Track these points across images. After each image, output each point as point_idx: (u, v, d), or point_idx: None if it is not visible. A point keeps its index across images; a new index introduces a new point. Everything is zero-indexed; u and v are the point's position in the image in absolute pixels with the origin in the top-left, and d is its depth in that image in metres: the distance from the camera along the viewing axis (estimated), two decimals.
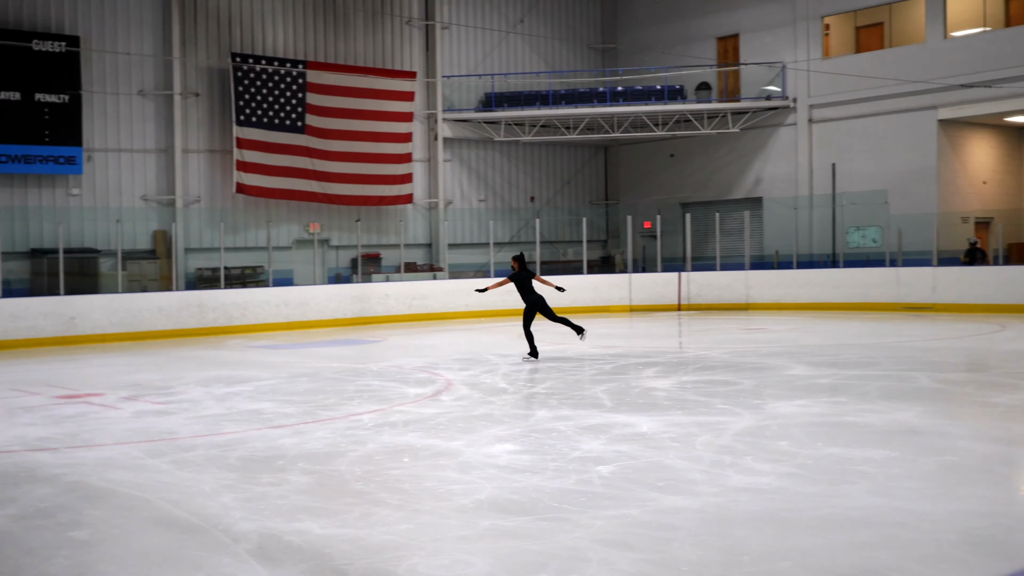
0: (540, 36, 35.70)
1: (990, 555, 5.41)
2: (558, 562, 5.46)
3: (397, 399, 11.89)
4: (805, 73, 31.63)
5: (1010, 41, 27.89)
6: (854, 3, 30.90)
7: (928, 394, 11.30)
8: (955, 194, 29.90)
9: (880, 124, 30.31)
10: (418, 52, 32.62)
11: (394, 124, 31.24)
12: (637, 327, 22.94)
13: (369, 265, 30.17)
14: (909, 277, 25.24)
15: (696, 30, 34.71)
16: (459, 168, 33.80)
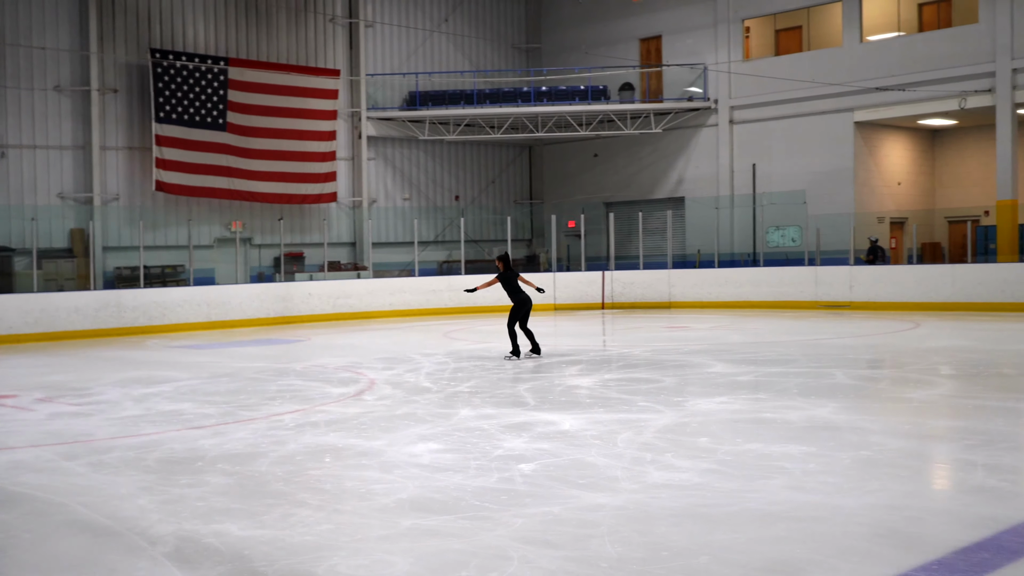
0: (465, 35, 35.69)
1: (900, 547, 5.54)
2: (479, 560, 5.47)
3: (319, 399, 11.80)
4: (726, 75, 32.05)
5: (923, 45, 28.54)
6: (773, 6, 31.39)
7: (844, 390, 11.52)
8: (871, 195, 30.53)
9: (799, 125, 30.83)
10: (342, 50, 32.43)
11: (317, 122, 31.02)
12: (561, 326, 23.05)
13: (292, 264, 29.91)
14: (827, 276, 25.70)
15: (619, 31, 34.98)
16: (383, 167, 33.66)
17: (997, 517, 6.04)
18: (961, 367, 13.44)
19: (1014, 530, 5.77)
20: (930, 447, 8.37)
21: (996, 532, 5.73)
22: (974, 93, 27.37)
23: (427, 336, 20.70)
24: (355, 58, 32.51)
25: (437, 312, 27.31)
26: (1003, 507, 6.28)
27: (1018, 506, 6.33)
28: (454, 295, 27.66)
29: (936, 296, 23.91)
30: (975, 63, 27.35)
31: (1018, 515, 6.08)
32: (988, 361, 14.13)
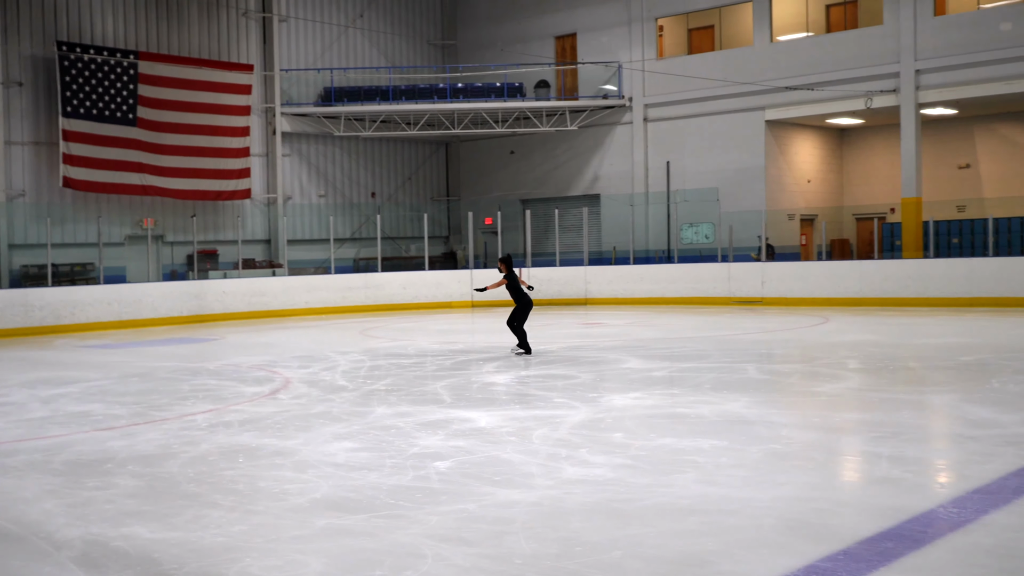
0: (380, 31, 35.50)
1: (807, 538, 5.65)
2: (393, 559, 5.46)
3: (233, 398, 11.66)
4: (640, 73, 32.36)
5: (831, 46, 29.14)
6: (686, 6, 31.76)
7: (756, 385, 11.72)
8: (782, 192, 31.08)
9: (712, 124, 31.26)
10: (255, 45, 32.03)
11: (230, 118, 30.60)
12: (479, 323, 23.08)
13: (206, 262, 29.48)
14: (740, 272, 26.11)
15: (535, 29, 35.10)
16: (298, 163, 33.34)
17: (901, 507, 6.20)
18: (868, 361, 13.75)
19: (916, 519, 5.93)
20: (838, 440, 8.56)
21: (899, 522, 5.89)
22: (880, 93, 28.02)
23: (343, 334, 20.57)
24: (269, 53, 32.15)
25: (354, 310, 27.15)
26: (907, 497, 6.45)
27: (921, 496, 6.51)
28: (371, 292, 27.53)
29: (845, 291, 24.43)
30: (880, 64, 28.00)
31: (921, 505, 6.25)
32: (894, 355, 14.49)
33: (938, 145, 31.27)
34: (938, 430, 9.08)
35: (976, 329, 17.87)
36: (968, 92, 26.97)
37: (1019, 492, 6.47)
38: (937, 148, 31.23)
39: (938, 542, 5.52)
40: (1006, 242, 27.72)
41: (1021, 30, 25.99)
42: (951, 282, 23.10)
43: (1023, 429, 8.49)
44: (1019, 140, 30.56)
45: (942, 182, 31.23)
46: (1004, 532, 5.63)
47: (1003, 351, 14.32)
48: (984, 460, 7.42)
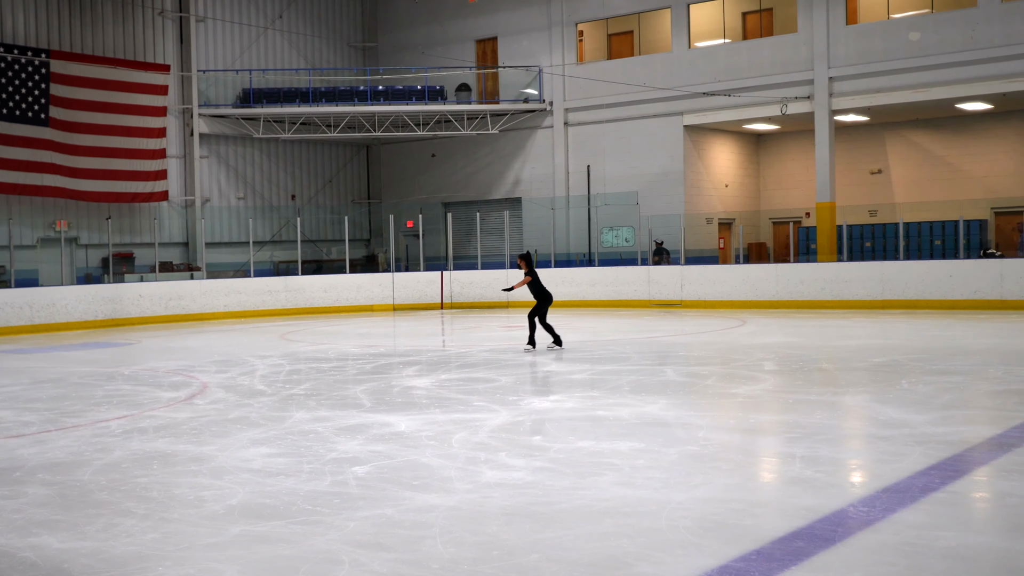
0: (299, 33, 35.21)
1: (723, 538, 5.73)
2: (309, 566, 5.41)
3: (149, 404, 11.47)
4: (561, 77, 32.54)
5: (747, 53, 29.61)
6: (605, 11, 32.02)
7: (675, 387, 11.85)
8: (700, 196, 31.48)
9: (631, 128, 31.54)
10: (172, 45, 31.56)
11: (147, 119, 30.10)
12: (400, 326, 23.00)
13: (122, 265, 28.96)
14: (659, 275, 26.38)
15: (455, 32, 35.11)
16: (217, 165, 32.92)
17: (813, 507, 6.31)
18: (784, 363, 13.99)
19: (828, 519, 6.04)
20: (754, 441, 8.68)
21: (811, 521, 5.99)
22: (794, 99, 28.54)
23: (263, 338, 20.34)
24: (186, 53, 31.69)
25: (274, 313, 26.87)
26: (819, 497, 6.57)
27: (832, 496, 6.63)
28: (291, 296, 27.28)
29: (762, 294, 24.82)
30: (795, 71, 28.53)
31: (832, 504, 6.37)
32: (809, 357, 14.76)
33: (851, 151, 31.95)
34: (850, 430, 9.27)
35: (888, 331, 18.27)
36: (879, 99, 27.60)
37: (926, 490, 6.63)
38: (850, 154, 31.91)
39: (848, 541, 5.63)
40: (916, 246, 28.43)
41: (929, 39, 26.68)
42: (865, 285, 23.61)
43: (932, 429, 8.70)
44: (928, 147, 31.36)
45: (855, 187, 31.92)
46: (911, 530, 5.77)
47: (914, 352, 14.67)
48: (894, 459, 7.59)
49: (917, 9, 28.18)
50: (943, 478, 6.96)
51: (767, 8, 31.03)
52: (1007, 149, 30.09)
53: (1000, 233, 29.59)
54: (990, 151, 30.32)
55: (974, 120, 30.34)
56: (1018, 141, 29.92)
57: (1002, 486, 6.84)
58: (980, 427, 8.97)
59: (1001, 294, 22.01)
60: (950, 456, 7.64)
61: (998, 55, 25.65)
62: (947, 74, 26.48)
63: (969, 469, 7.35)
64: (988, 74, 25.96)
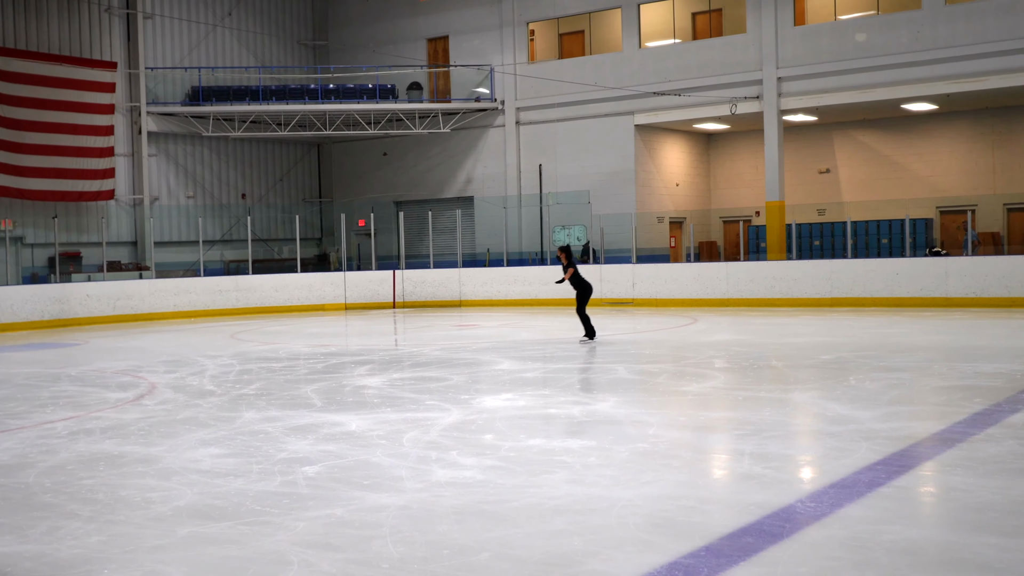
0: (249, 31, 34.93)
1: (672, 535, 5.76)
2: (258, 567, 5.37)
3: (96, 405, 11.32)
4: (512, 76, 32.55)
5: (697, 53, 29.80)
6: (556, 11, 32.08)
7: (625, 385, 11.90)
8: (651, 195, 31.64)
9: (583, 127, 31.63)
10: (119, 42, 31.16)
11: (93, 116, 29.70)
12: (352, 325, 22.89)
13: (69, 264, 28.56)
14: (612, 274, 26.47)
15: (407, 30, 35.00)
16: (165, 163, 32.57)
17: (762, 503, 6.37)
18: (734, 360, 14.10)
19: (776, 515, 6.09)
20: (703, 438, 8.75)
21: (760, 517, 6.04)
22: (744, 99, 28.77)
23: (213, 338, 20.16)
24: (133, 51, 31.31)
25: (225, 313, 26.65)
26: (768, 493, 6.63)
27: (780, 491, 6.69)
28: (242, 295, 27.07)
29: (712, 292, 25.00)
30: (744, 71, 28.76)
31: (780, 500, 6.43)
32: (759, 354, 14.89)
33: (800, 150, 32.27)
34: (799, 427, 9.36)
35: (836, 328, 18.47)
36: (827, 100, 27.90)
37: (872, 485, 6.71)
38: (799, 153, 32.23)
39: (796, 536, 5.69)
40: (864, 244, 28.77)
41: (875, 40, 27.01)
42: (813, 283, 23.85)
43: (878, 425, 8.81)
44: (875, 146, 31.75)
45: (804, 186, 32.25)
46: (858, 524, 5.84)
47: (861, 349, 14.84)
48: (841, 455, 7.68)
49: (864, 11, 28.52)
50: (889, 473, 7.05)
51: (716, 9, 31.26)
52: (952, 149, 30.55)
53: (945, 232, 30.04)
54: (936, 151, 30.77)
55: (920, 120, 30.77)
56: (963, 141, 30.39)
57: (946, 480, 6.94)
58: (925, 423, 9.10)
59: (946, 292, 22.34)
60: (896, 451, 7.74)
61: (943, 56, 26.03)
62: (893, 75, 26.82)
63: (914, 464, 7.45)
64: (933, 75, 26.34)
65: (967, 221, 25.71)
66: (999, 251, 27.38)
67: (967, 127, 30.26)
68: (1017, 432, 8.36)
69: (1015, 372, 11.91)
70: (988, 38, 25.48)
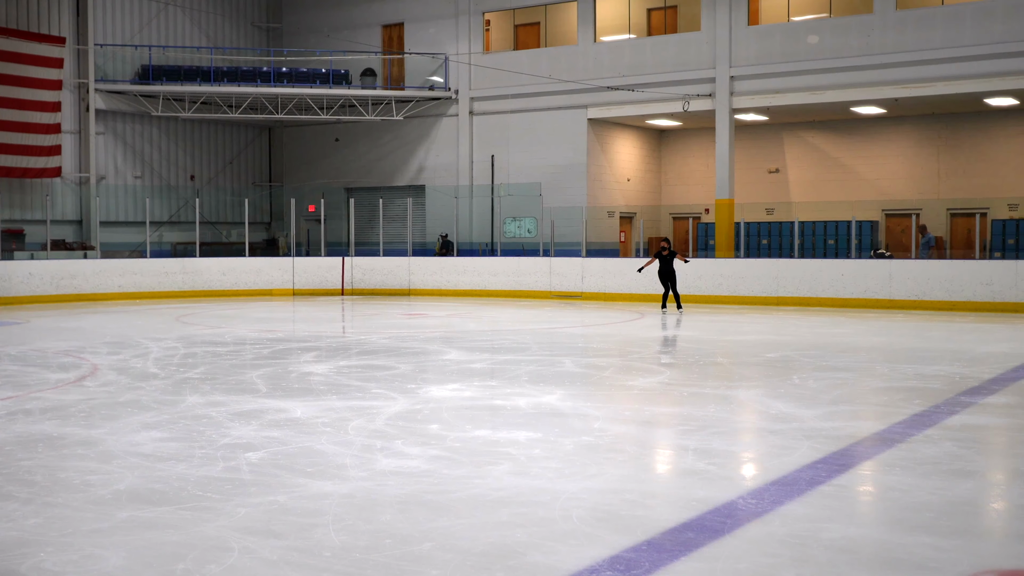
0: (202, 11, 34.52)
1: (616, 529, 5.80)
2: (198, 552, 5.32)
3: (35, 385, 11.16)
4: (467, 66, 32.48)
5: (651, 49, 29.92)
6: (513, 2, 32.06)
7: (572, 378, 11.94)
8: (602, 189, 31.75)
9: (536, 119, 31.65)
10: (68, 17, 30.63)
11: (40, 92, 29.19)
12: (300, 311, 22.75)
13: (11, 241, 28.07)
14: (561, 267, 26.53)
15: (362, 16, 34.78)
16: (113, 142, 32.10)
17: (704, 499, 6.42)
18: (680, 356, 14.21)
19: (717, 511, 6.15)
20: (648, 433, 8.80)
21: (702, 513, 6.10)
22: (696, 97, 28.94)
23: (158, 320, 19.94)
24: (83, 26, 30.80)
25: (171, 295, 26.37)
26: (710, 489, 6.69)
27: (723, 488, 6.75)
28: (188, 278, 26.80)
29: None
30: (698, 68, 28.93)
31: (722, 496, 6.49)
32: (704, 351, 15.01)
33: (750, 150, 32.53)
34: (742, 424, 9.45)
35: (782, 327, 18.67)
36: (778, 100, 28.16)
37: (813, 483, 6.80)
38: (749, 152, 32.49)
39: (736, 532, 5.74)
40: (811, 244, 29.09)
41: (827, 43, 27.29)
42: (760, 281, 24.08)
43: (820, 423, 8.92)
44: (824, 148, 32.09)
45: (753, 185, 32.52)
46: (797, 522, 5.91)
47: (806, 348, 15.01)
48: (783, 453, 7.76)
49: (816, 13, 28.81)
50: (829, 471, 7.14)
51: (672, 5, 31.40)
52: (899, 153, 30.96)
53: (890, 234, 30.45)
54: (883, 154, 31.17)
55: (868, 124, 31.16)
56: (910, 146, 30.81)
57: (885, 480, 7.05)
58: (866, 422, 9.23)
59: (890, 293, 22.66)
60: (837, 450, 7.84)
61: (892, 61, 26.36)
62: (843, 78, 27.13)
63: (854, 463, 7.56)
64: (882, 79, 26.67)
65: (924, 224, 26.13)
66: (942, 255, 27.82)
67: (914, 132, 30.68)
68: (955, 434, 8.50)
69: (955, 375, 12.12)
70: (936, 45, 25.85)
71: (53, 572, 5.03)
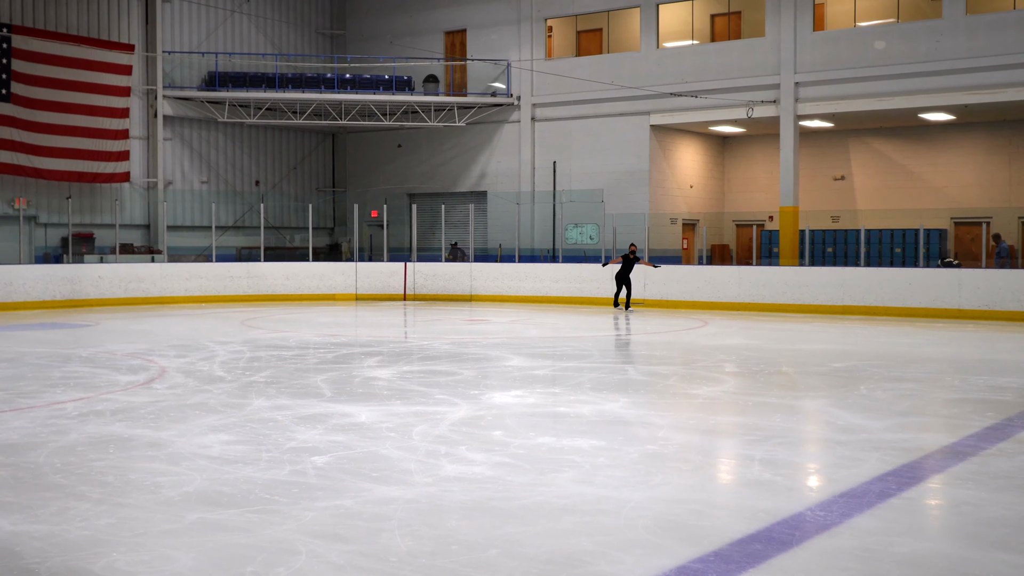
0: (267, 18, 34.94)
1: (682, 539, 5.75)
2: (266, 555, 5.37)
3: (106, 387, 11.35)
4: (529, 72, 32.51)
5: (715, 55, 29.74)
6: (575, 8, 32.03)
7: (636, 386, 11.88)
8: (665, 196, 31.59)
9: (598, 126, 31.59)
10: (137, 25, 31.18)
11: (110, 98, 29.74)
12: (362, 316, 22.90)
13: (81, 245, 28.62)
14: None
15: (425, 22, 34.97)
16: (180, 148, 32.60)
17: (771, 510, 6.35)
18: (744, 365, 14.06)
19: (785, 522, 6.07)
20: (713, 442, 8.73)
21: (769, 524, 6.03)
22: (761, 103, 28.70)
23: (223, 323, 20.19)
24: (151, 34, 31.33)
25: (235, 299, 26.69)
26: (777, 500, 6.61)
27: (790, 499, 6.67)
28: (253, 282, 27.11)
29: (724, 296, 24.94)
30: (762, 75, 28.69)
31: (789, 507, 6.41)
32: (769, 360, 14.85)
33: (815, 156, 32.18)
34: (808, 434, 9.33)
35: (847, 336, 18.42)
36: (844, 106, 27.83)
37: (883, 496, 6.69)
38: (814, 159, 32.14)
39: (805, 544, 5.66)
40: (877, 252, 28.70)
41: (894, 49, 26.92)
42: (825, 290, 23.78)
43: (888, 435, 8.78)
44: (891, 155, 31.65)
45: (818, 192, 32.16)
46: (867, 535, 5.82)
47: (872, 358, 14.80)
48: (851, 464, 7.65)
49: (883, 18, 28.44)
50: (899, 484, 7.02)
51: (736, 11, 31.18)
52: (968, 160, 30.44)
53: (959, 243, 29.94)
54: (951, 162, 30.66)
55: (937, 130, 30.67)
56: (979, 152, 30.28)
57: (957, 494, 6.91)
58: (936, 435, 9.07)
59: (959, 303, 22.25)
60: (906, 463, 7.71)
61: (961, 67, 25.93)
62: (911, 84, 26.74)
63: (925, 476, 7.43)
64: (951, 85, 26.25)
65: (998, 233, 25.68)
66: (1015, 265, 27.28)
67: (984, 138, 30.14)
68: None
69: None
70: (1008, 50, 25.38)
71: (126, 572, 5.11)
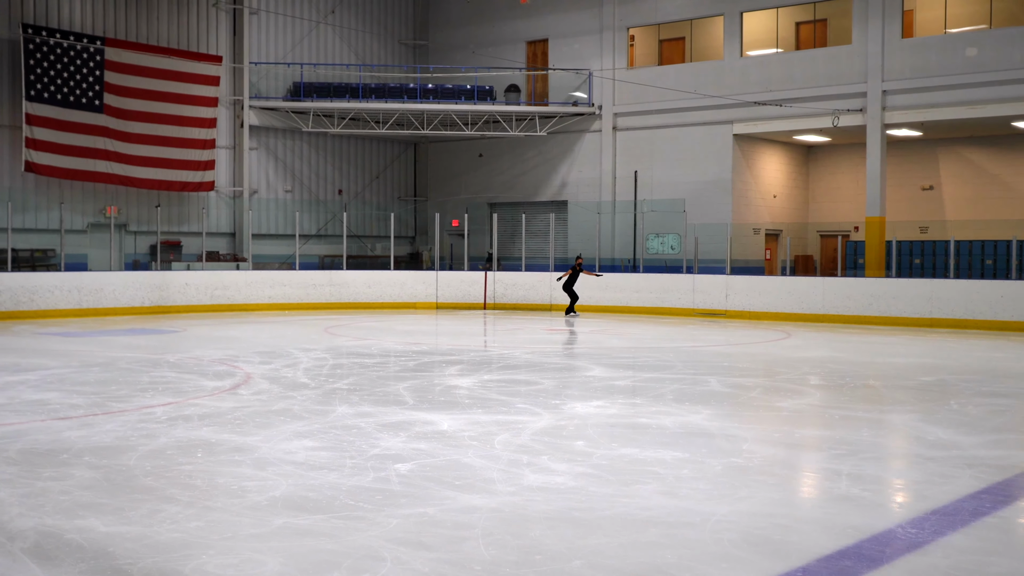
0: (351, 28, 35.36)
1: (768, 554, 5.66)
2: (351, 561, 5.41)
3: (193, 392, 11.55)
4: (611, 81, 32.43)
5: (800, 63, 29.36)
6: (657, 16, 31.88)
7: (718, 398, 11.75)
8: (747, 206, 31.26)
9: (680, 135, 31.38)
10: (225, 36, 31.80)
11: (198, 108, 30.35)
12: (443, 324, 23.02)
13: (169, 252, 29.23)
14: (704, 284, 26.20)
15: (506, 32, 35.10)
16: (265, 157, 33.13)
17: (859, 526, 6.22)
18: (830, 378, 13.83)
19: (874, 539, 5.95)
20: (799, 456, 8.59)
21: (858, 540, 5.91)
22: (847, 112, 28.26)
23: (307, 331, 20.44)
24: (238, 45, 31.92)
25: (317, 307, 27.02)
26: (865, 516, 6.48)
27: (879, 515, 6.53)
28: (335, 290, 27.41)
29: (807, 307, 24.58)
30: (848, 83, 28.26)
31: (879, 524, 6.28)
32: (855, 373, 14.58)
33: (903, 166, 31.59)
34: (897, 449, 9.14)
35: (936, 350, 18.03)
36: (933, 115, 27.28)
37: (976, 514, 6.51)
38: (902, 169, 31.55)
39: (896, 562, 5.54)
40: (967, 264, 28.03)
41: (986, 56, 26.32)
42: (912, 302, 23.31)
43: (981, 451, 8.55)
44: (982, 164, 30.93)
45: (906, 202, 31.55)
46: (960, 554, 5.67)
47: (963, 372, 14.46)
48: (942, 481, 7.47)
49: (975, 24, 27.82)
50: (994, 503, 6.83)
51: (821, 19, 30.75)
52: None
53: None
54: None
55: None
56: None
57: None
58: None
59: None
60: (1001, 480, 7.51)
61: None
62: (1003, 91, 26.12)
63: (1021, 495, 7.22)
64: None
65: None
66: None
67: None
68: None
69: None
70: None
71: (215, 575, 5.18)
